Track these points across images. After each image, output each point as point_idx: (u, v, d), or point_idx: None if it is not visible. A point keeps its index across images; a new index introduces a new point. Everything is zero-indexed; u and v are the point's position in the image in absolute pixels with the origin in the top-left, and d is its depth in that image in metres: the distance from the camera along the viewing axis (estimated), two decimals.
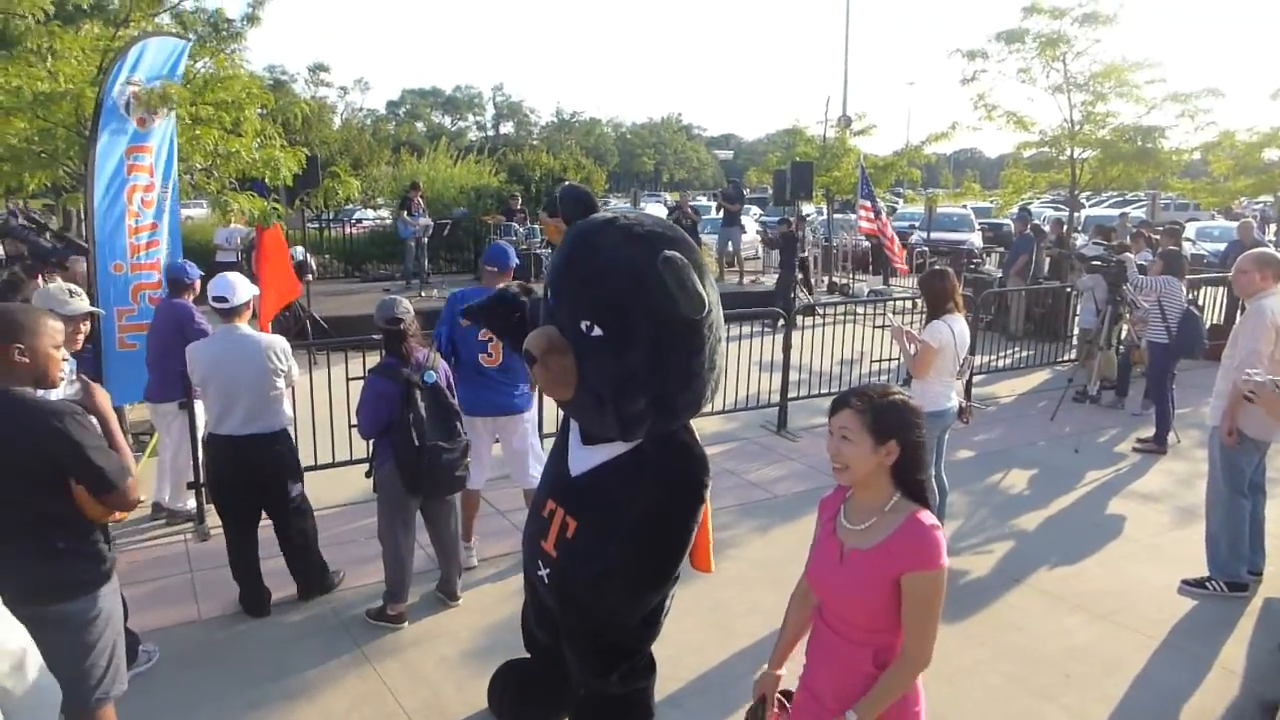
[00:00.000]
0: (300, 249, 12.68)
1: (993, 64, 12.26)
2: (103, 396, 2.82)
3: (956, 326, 5.00)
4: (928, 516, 2.17)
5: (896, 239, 15.23)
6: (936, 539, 2.13)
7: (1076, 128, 11.98)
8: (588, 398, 2.70)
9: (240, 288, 4.41)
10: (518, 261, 5.14)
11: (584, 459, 2.90)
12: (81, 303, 3.84)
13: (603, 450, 2.85)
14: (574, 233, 2.79)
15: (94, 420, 2.79)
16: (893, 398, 2.22)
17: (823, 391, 8.28)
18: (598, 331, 2.63)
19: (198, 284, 5.64)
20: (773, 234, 14.78)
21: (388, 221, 18.06)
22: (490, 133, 75.19)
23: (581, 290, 2.68)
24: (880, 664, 2.20)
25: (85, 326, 3.90)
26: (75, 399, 2.79)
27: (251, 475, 4.39)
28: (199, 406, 5.53)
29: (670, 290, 2.46)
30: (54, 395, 2.86)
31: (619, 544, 2.78)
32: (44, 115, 6.49)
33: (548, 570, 2.97)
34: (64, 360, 2.76)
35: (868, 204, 15.06)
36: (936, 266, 5.42)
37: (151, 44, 6.27)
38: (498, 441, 5.06)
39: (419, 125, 68.81)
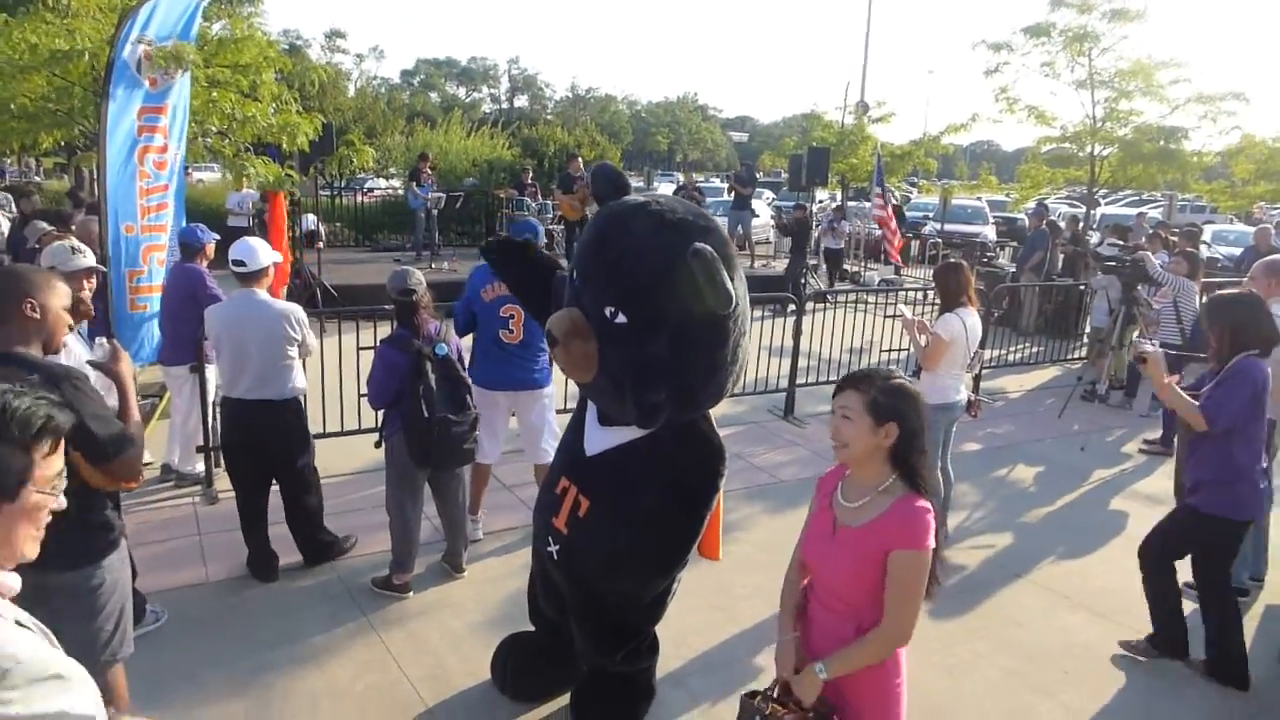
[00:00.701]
0: (311, 216, 12.68)
1: (1017, 57, 12.14)
2: (126, 362, 2.79)
3: (969, 320, 4.98)
4: (920, 499, 2.23)
5: (899, 233, 15.14)
6: (926, 521, 2.19)
7: (1098, 124, 11.87)
8: (607, 383, 2.68)
9: (261, 253, 4.40)
10: (545, 239, 5.14)
11: (600, 439, 2.89)
12: (85, 259, 3.79)
13: (620, 432, 2.84)
14: (605, 215, 2.75)
15: (101, 386, 2.75)
16: (895, 381, 2.28)
17: (830, 379, 8.27)
18: (622, 318, 2.59)
19: (210, 248, 5.64)
20: (787, 219, 14.64)
21: (399, 191, 18.01)
22: (504, 105, 74.84)
23: (609, 275, 2.63)
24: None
25: (90, 283, 3.82)
26: (101, 361, 2.79)
27: (260, 440, 4.40)
28: (210, 370, 5.56)
29: (699, 284, 2.42)
30: (83, 356, 2.86)
31: (631, 528, 2.79)
32: (60, 73, 6.48)
33: (557, 547, 2.98)
34: (69, 326, 2.68)
35: (881, 192, 15.00)
36: (951, 259, 5.40)
37: (163, 2, 6.21)
38: (515, 416, 5.06)
39: (433, 95, 68.49)
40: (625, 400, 2.67)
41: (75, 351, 3.11)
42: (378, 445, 4.41)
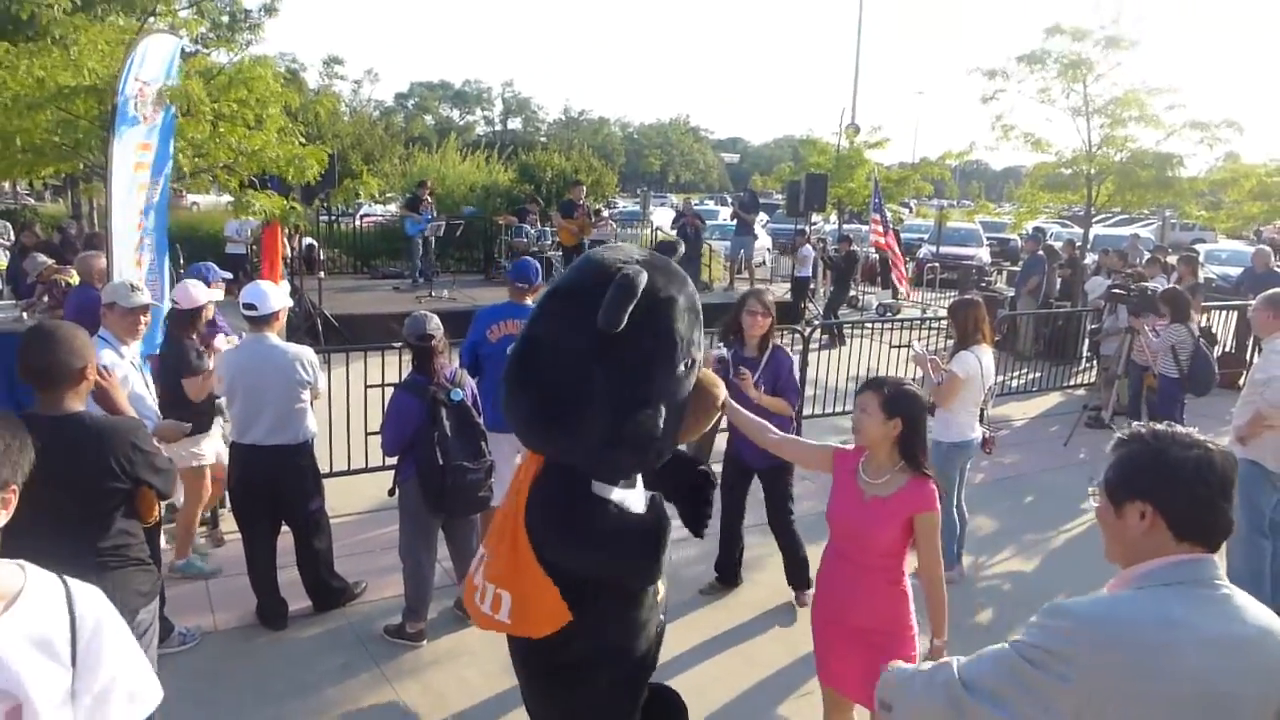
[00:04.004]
0: (310, 239, 12.66)
1: (1013, 84, 12.20)
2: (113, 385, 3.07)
3: (984, 359, 4.96)
4: (926, 478, 2.94)
5: (902, 260, 15.10)
6: (934, 491, 2.94)
7: (1094, 150, 11.93)
8: None
9: (272, 297, 4.35)
10: (540, 280, 5.12)
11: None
12: (142, 296, 4.11)
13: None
14: (684, 296, 2.62)
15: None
16: (905, 388, 2.98)
17: (836, 410, 8.22)
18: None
19: (220, 285, 5.58)
20: (835, 255, 14.04)
21: (396, 217, 17.96)
22: (498, 128, 75.07)
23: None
24: (890, 581, 2.96)
25: (146, 318, 4.16)
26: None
27: (273, 486, 4.35)
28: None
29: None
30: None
31: None
32: (66, 108, 6.44)
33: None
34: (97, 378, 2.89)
35: (878, 217, 15.04)
36: (968, 296, 5.38)
37: (152, 44, 6.15)
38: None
39: (427, 118, 68.69)
40: None
41: None
42: (391, 493, 4.35)
